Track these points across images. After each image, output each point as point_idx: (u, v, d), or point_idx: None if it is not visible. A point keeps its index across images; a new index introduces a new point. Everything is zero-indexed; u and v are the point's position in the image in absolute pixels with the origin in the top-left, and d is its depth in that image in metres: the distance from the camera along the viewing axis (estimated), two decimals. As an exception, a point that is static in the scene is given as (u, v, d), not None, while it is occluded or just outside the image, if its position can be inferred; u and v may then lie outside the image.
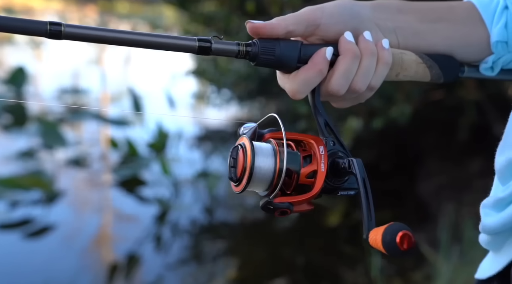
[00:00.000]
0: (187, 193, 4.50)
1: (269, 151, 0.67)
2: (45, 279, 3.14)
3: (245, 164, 0.67)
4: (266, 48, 0.70)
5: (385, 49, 0.73)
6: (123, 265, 3.46)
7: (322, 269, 3.52)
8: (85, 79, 8.11)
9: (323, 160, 0.67)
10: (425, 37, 0.80)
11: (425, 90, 3.70)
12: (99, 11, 19.06)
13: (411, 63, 0.78)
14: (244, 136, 0.69)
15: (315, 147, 0.68)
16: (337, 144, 0.70)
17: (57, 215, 3.92)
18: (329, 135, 0.71)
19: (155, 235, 3.85)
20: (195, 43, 0.67)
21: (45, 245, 3.55)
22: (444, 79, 0.83)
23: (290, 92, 0.71)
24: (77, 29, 0.63)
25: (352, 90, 0.72)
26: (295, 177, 0.67)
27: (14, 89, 6.05)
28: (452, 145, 4.14)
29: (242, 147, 0.68)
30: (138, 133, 5.25)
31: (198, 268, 3.53)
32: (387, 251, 0.56)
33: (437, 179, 4.11)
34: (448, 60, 0.82)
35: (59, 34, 0.62)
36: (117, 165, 4.83)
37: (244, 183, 0.67)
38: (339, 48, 0.71)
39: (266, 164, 0.66)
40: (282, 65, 0.71)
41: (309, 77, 0.70)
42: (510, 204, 0.67)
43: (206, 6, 5.07)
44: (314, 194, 0.67)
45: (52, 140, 4.86)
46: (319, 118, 0.72)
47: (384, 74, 0.73)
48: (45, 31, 0.61)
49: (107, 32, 0.65)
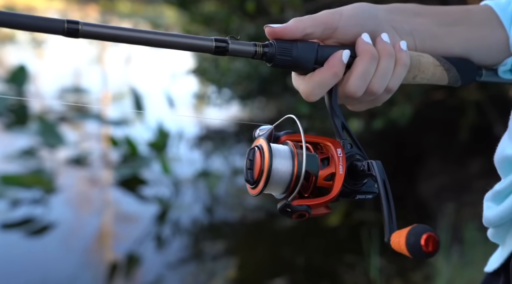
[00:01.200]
0: (187, 192, 4.50)
1: (286, 153, 0.66)
2: (45, 278, 3.14)
3: (262, 166, 0.65)
4: (283, 49, 0.69)
5: (403, 51, 0.72)
6: (123, 264, 3.46)
7: (322, 269, 3.53)
8: (86, 79, 8.11)
9: (341, 163, 0.66)
10: (442, 40, 0.79)
11: (426, 91, 3.70)
12: (101, 10, 19.06)
13: (429, 66, 0.77)
14: (261, 138, 0.68)
15: (332, 149, 0.67)
16: (354, 147, 0.69)
17: (57, 214, 3.92)
18: (346, 137, 0.70)
19: (155, 234, 3.85)
20: (212, 43, 0.67)
21: (45, 244, 3.55)
22: (462, 82, 0.82)
23: (304, 93, 0.70)
24: (94, 27, 0.62)
25: (370, 92, 0.71)
26: (313, 179, 0.66)
27: (15, 87, 6.05)
28: (452, 146, 4.14)
29: (259, 148, 0.67)
30: (139, 133, 5.25)
31: (198, 267, 3.53)
32: (411, 253, 0.55)
33: (437, 180, 4.11)
34: (466, 63, 0.81)
35: (76, 33, 0.61)
36: (117, 164, 4.83)
37: (261, 185, 0.66)
38: (357, 50, 0.71)
39: (284, 166, 0.65)
40: (298, 67, 0.70)
41: (324, 79, 0.69)
42: (507, 197, 0.68)
43: (206, 6, 5.08)
44: (333, 197, 0.65)
45: (51, 139, 4.86)
46: (336, 120, 0.70)
47: (402, 76, 0.73)
48: (63, 29, 0.61)
49: (124, 31, 0.64)
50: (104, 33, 0.63)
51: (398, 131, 4.15)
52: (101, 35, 0.63)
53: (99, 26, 0.63)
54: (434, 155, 4.41)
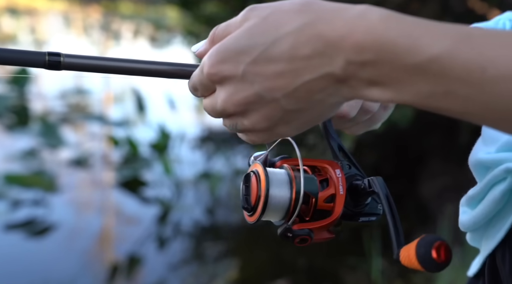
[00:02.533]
0: (188, 194, 4.51)
1: (283, 177, 0.64)
2: (47, 279, 3.14)
3: (259, 192, 0.63)
4: None
5: None
6: (124, 266, 3.46)
7: (324, 270, 3.52)
8: (88, 80, 8.12)
9: (341, 183, 0.64)
10: None
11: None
12: (103, 11, 19.09)
13: None
14: (257, 162, 0.66)
15: (331, 171, 0.65)
16: (353, 168, 0.67)
17: (58, 215, 3.93)
18: (343, 159, 0.68)
19: (157, 235, 3.85)
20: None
21: (46, 245, 3.56)
22: None
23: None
24: (77, 59, 0.61)
25: (364, 111, 0.70)
26: (313, 202, 0.63)
27: (17, 89, 6.06)
28: (453, 147, 4.14)
29: (255, 173, 0.64)
30: (141, 134, 5.26)
31: (200, 268, 3.53)
32: (423, 266, 0.52)
33: (438, 181, 4.11)
34: None
35: (58, 65, 0.61)
36: (119, 166, 4.84)
37: (259, 212, 0.63)
38: None
39: (281, 190, 0.63)
40: None
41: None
42: (480, 202, 0.68)
43: (208, 7, 5.09)
44: (335, 219, 0.63)
45: (52, 140, 4.87)
46: (332, 143, 0.69)
47: None
48: (44, 62, 0.60)
49: (110, 62, 0.63)
50: (86, 64, 0.62)
51: (399, 133, 4.15)
52: (84, 67, 0.62)
53: (81, 57, 0.62)
54: (435, 157, 4.41)
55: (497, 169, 0.64)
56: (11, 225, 3.70)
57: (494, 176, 0.64)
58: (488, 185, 0.65)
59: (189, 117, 6.80)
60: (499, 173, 0.63)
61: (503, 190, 0.63)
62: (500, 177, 0.63)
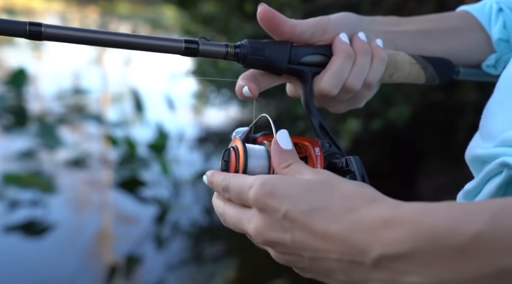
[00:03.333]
0: (187, 193, 4.51)
1: (262, 153, 0.65)
2: (45, 279, 3.15)
3: (237, 167, 0.64)
4: (255, 48, 0.68)
5: (379, 47, 0.74)
6: (123, 266, 3.46)
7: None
8: (85, 80, 8.12)
9: (319, 161, 0.65)
10: (423, 46, 0.81)
11: (423, 92, 3.71)
12: (100, 12, 19.06)
13: (405, 64, 0.78)
14: (237, 138, 0.67)
15: (310, 148, 0.66)
16: (333, 146, 0.68)
17: (56, 215, 3.93)
18: (324, 137, 0.69)
19: (155, 235, 3.85)
20: (182, 45, 0.66)
21: (44, 245, 3.56)
22: (440, 80, 0.83)
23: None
24: (58, 29, 0.61)
25: (347, 89, 0.72)
26: None
27: (15, 90, 6.06)
28: (451, 146, 4.14)
29: (235, 149, 0.66)
30: (139, 134, 5.26)
31: (198, 268, 3.54)
32: None
33: (436, 180, 4.12)
34: (443, 61, 0.82)
35: (39, 35, 0.60)
36: (117, 166, 4.84)
37: None
38: (333, 49, 0.72)
39: (259, 165, 0.64)
40: (272, 66, 0.70)
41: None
42: (476, 197, 0.69)
43: (205, 6, 5.09)
44: None
45: (50, 140, 4.87)
46: (313, 120, 0.70)
47: (381, 71, 0.74)
48: (25, 31, 0.59)
49: (91, 33, 0.62)
50: (68, 35, 0.61)
51: (396, 132, 4.15)
52: (66, 37, 0.61)
53: (64, 28, 0.61)
54: (432, 156, 4.42)
55: (493, 162, 0.64)
56: (9, 225, 3.70)
57: (490, 170, 0.64)
58: (484, 179, 0.66)
59: (187, 117, 6.80)
60: (495, 166, 0.64)
61: (499, 184, 0.64)
62: (496, 170, 0.64)
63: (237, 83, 0.72)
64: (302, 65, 0.72)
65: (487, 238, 0.42)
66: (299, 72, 0.72)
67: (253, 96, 0.70)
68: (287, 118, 4.03)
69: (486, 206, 0.45)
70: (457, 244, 0.43)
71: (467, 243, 0.43)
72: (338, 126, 3.72)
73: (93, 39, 0.62)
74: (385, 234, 0.46)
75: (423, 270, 0.45)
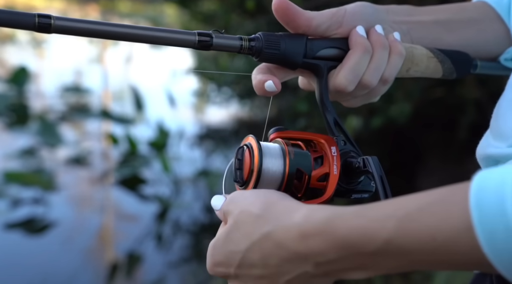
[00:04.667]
0: (187, 191, 4.51)
1: (277, 151, 0.62)
2: (46, 277, 3.15)
3: (252, 166, 0.62)
4: (271, 42, 0.66)
5: (397, 41, 0.71)
6: (124, 263, 3.46)
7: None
8: (87, 78, 8.11)
9: (336, 162, 0.63)
10: (440, 37, 0.79)
11: (425, 89, 3.70)
12: (101, 10, 19.04)
13: (422, 58, 0.75)
14: (250, 136, 0.64)
15: (326, 147, 0.64)
16: (348, 144, 0.66)
17: (57, 213, 3.93)
18: (338, 134, 0.67)
19: (156, 233, 3.86)
20: (195, 38, 0.63)
21: (45, 243, 3.56)
22: (457, 74, 0.80)
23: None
24: (68, 22, 0.59)
25: (363, 85, 0.70)
26: (306, 179, 0.62)
27: (16, 88, 6.06)
28: (452, 144, 4.14)
29: (248, 147, 0.63)
30: (139, 132, 5.26)
31: (199, 266, 3.54)
32: None
33: (436, 177, 4.11)
34: (460, 55, 0.79)
35: (49, 27, 0.58)
36: (118, 164, 4.83)
37: (251, 186, 0.62)
38: (350, 42, 0.70)
39: (274, 165, 0.61)
40: (287, 61, 0.67)
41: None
42: None
43: (206, 4, 5.08)
44: (326, 199, 0.62)
45: (51, 138, 4.87)
46: (328, 116, 0.67)
47: (398, 66, 0.72)
48: (34, 24, 0.57)
49: (101, 26, 0.60)
50: (78, 27, 0.59)
51: (397, 129, 4.15)
52: (76, 30, 0.59)
53: (73, 20, 0.59)
54: (433, 153, 4.41)
55: (507, 163, 0.63)
56: (11, 223, 3.71)
57: None
58: None
59: (187, 114, 6.79)
60: None
61: None
62: None
63: (256, 78, 0.68)
64: (318, 59, 0.69)
65: (396, 243, 0.47)
66: (314, 66, 0.69)
67: (277, 90, 0.67)
68: (288, 115, 4.02)
69: (391, 211, 0.48)
70: (371, 250, 0.48)
71: (380, 249, 0.48)
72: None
73: (103, 32, 0.60)
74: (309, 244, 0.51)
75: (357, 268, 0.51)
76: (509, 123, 0.66)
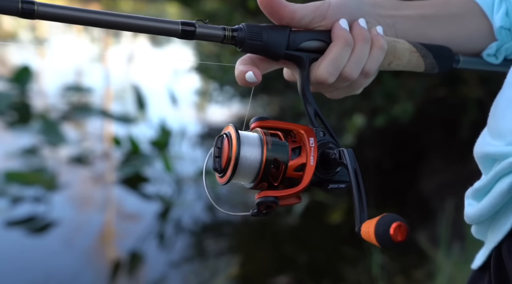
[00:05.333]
0: (189, 190, 4.51)
1: (255, 141, 0.64)
2: (48, 276, 3.15)
3: (230, 154, 0.63)
4: (253, 33, 0.67)
5: (379, 35, 0.72)
6: (126, 262, 3.46)
7: (324, 266, 3.53)
8: (88, 77, 8.12)
9: (313, 153, 0.64)
10: (424, 32, 0.80)
11: (427, 88, 3.70)
12: (103, 9, 19.05)
13: (404, 52, 0.76)
14: (230, 125, 0.66)
15: (305, 138, 0.65)
16: (327, 135, 0.67)
17: (60, 212, 3.93)
18: (319, 125, 0.68)
19: (158, 232, 3.86)
20: (178, 27, 0.64)
21: (48, 242, 3.56)
22: (439, 69, 0.81)
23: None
24: (51, 8, 0.59)
25: (344, 78, 0.70)
26: (283, 169, 0.63)
27: (19, 87, 6.06)
28: (454, 143, 4.13)
29: (227, 136, 0.65)
30: (141, 131, 5.26)
31: (201, 265, 3.54)
32: (380, 243, 0.54)
33: (439, 177, 4.11)
34: (443, 49, 0.81)
35: (32, 13, 0.58)
36: (120, 163, 4.84)
37: (229, 174, 0.64)
38: (332, 35, 0.70)
39: (252, 154, 0.63)
40: (269, 52, 0.68)
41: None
42: (487, 194, 0.68)
43: (208, 3, 5.08)
44: (301, 189, 0.64)
45: (53, 137, 4.87)
46: (309, 107, 0.69)
47: (380, 59, 0.73)
48: (17, 9, 0.57)
49: (85, 13, 0.60)
50: (62, 14, 0.60)
51: (400, 128, 4.14)
52: (60, 17, 0.60)
53: (58, 7, 0.59)
54: (435, 152, 4.41)
55: (504, 161, 0.63)
56: (12, 222, 3.71)
57: (502, 168, 0.64)
58: (495, 177, 0.65)
59: (189, 114, 6.79)
60: (507, 165, 0.63)
61: (511, 183, 0.63)
62: (507, 169, 0.63)
63: (237, 69, 0.70)
64: (300, 51, 0.70)
65: None
66: (297, 58, 0.70)
67: (258, 81, 0.69)
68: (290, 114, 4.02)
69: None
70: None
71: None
72: (343, 121, 3.71)
73: (87, 19, 0.61)
74: None
75: None
76: (507, 122, 0.66)
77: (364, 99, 3.63)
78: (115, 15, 0.62)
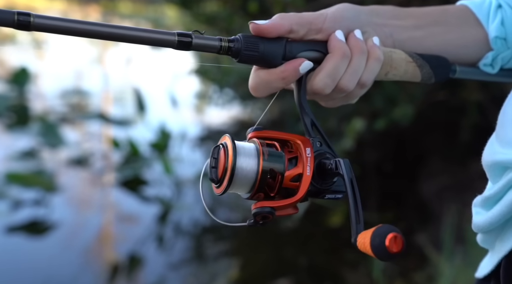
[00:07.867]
0: (189, 193, 4.50)
1: (252, 151, 0.64)
2: (47, 279, 3.14)
3: (226, 165, 0.64)
4: (250, 44, 0.67)
5: (375, 46, 0.72)
6: (125, 265, 3.46)
7: (325, 269, 3.52)
8: (87, 79, 8.11)
9: (309, 163, 0.64)
10: (420, 41, 0.80)
11: (427, 91, 3.70)
12: (102, 11, 19.06)
13: (401, 62, 0.76)
14: (227, 136, 0.66)
15: (301, 148, 0.65)
16: (324, 145, 0.67)
17: (58, 214, 3.92)
18: (315, 135, 0.68)
19: (157, 235, 3.85)
20: (175, 38, 0.64)
21: (46, 245, 3.55)
22: (436, 79, 0.81)
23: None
24: (47, 20, 0.59)
25: (340, 89, 0.71)
26: (279, 179, 0.64)
27: (17, 88, 6.06)
28: (454, 146, 4.13)
29: (224, 146, 0.65)
30: (141, 133, 5.25)
31: (200, 268, 3.53)
32: (376, 255, 0.54)
33: (439, 180, 4.10)
34: (439, 59, 0.81)
35: (28, 25, 0.58)
36: (119, 165, 4.83)
37: (225, 184, 0.65)
38: (329, 46, 0.71)
39: (248, 164, 0.63)
40: (266, 62, 0.69)
41: (271, 80, 0.69)
42: (497, 203, 0.67)
43: (208, 6, 5.08)
44: (298, 199, 0.64)
45: (52, 139, 4.87)
46: (305, 118, 0.69)
47: (376, 70, 0.73)
48: (13, 21, 0.57)
49: (81, 25, 0.61)
50: (58, 26, 0.60)
51: (400, 132, 4.14)
52: (56, 28, 0.60)
53: (54, 19, 0.60)
54: (435, 155, 4.41)
55: None
56: (12, 224, 3.70)
57: None
58: (507, 186, 0.64)
59: (189, 116, 6.79)
60: None
61: None
62: None
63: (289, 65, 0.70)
64: None
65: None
66: None
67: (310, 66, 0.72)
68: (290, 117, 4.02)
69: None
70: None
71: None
72: (342, 125, 3.71)
73: (83, 31, 0.61)
74: None
75: None
76: None
77: (364, 102, 3.63)
78: (112, 27, 0.62)
